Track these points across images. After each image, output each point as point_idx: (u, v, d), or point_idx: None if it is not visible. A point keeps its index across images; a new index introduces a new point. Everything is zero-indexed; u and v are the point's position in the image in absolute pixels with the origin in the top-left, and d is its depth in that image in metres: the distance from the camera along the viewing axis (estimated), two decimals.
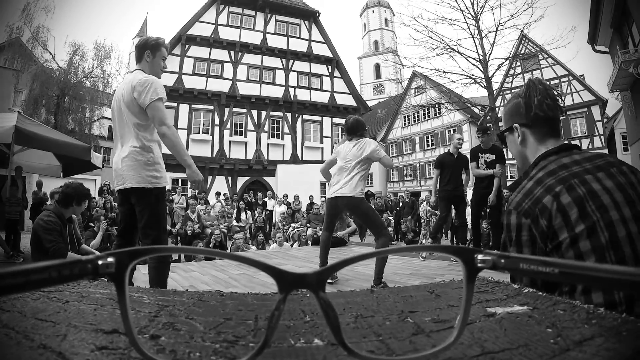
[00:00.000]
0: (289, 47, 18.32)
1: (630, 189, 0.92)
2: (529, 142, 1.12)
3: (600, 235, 0.87)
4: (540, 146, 1.09)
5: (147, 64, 2.37)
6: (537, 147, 1.10)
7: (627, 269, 0.19)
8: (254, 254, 6.78)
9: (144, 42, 2.39)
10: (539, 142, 1.09)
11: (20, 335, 0.27)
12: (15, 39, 17.36)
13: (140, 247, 0.24)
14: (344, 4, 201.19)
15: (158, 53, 2.38)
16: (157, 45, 2.38)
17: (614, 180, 0.92)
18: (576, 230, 0.88)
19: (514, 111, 1.14)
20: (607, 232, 0.86)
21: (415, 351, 0.26)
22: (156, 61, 2.39)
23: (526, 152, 1.13)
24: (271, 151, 17.15)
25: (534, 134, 1.10)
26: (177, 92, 15.81)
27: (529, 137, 1.11)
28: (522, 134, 1.12)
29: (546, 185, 0.95)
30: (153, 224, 2.25)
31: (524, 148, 1.13)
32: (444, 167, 5.00)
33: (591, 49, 13.77)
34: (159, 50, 2.38)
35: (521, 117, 1.11)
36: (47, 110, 17.45)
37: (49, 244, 3.00)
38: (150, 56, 2.37)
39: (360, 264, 3.56)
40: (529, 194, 0.98)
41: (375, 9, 48.93)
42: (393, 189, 27.44)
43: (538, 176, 1.00)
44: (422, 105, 19.55)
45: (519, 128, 1.13)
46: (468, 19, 13.17)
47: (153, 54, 2.37)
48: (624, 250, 0.85)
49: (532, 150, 1.11)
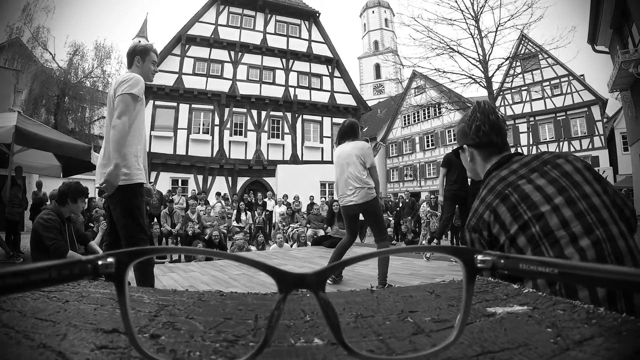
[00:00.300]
0: (289, 47, 18.32)
1: (563, 178, 1.01)
2: (477, 161, 1.25)
3: (532, 228, 0.96)
4: (486, 164, 1.21)
5: (138, 69, 2.42)
6: (484, 164, 1.22)
7: (626, 269, 0.19)
8: (254, 254, 6.79)
9: (133, 48, 2.45)
10: (485, 160, 1.21)
11: (21, 334, 0.27)
12: (15, 39, 17.37)
13: (140, 248, 0.24)
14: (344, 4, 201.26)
15: (147, 57, 2.43)
16: (145, 50, 2.44)
17: (547, 177, 1.02)
18: (511, 231, 0.99)
19: (462, 133, 1.27)
20: (538, 224, 0.96)
21: (415, 351, 0.26)
22: (146, 65, 2.43)
23: (476, 168, 1.26)
24: (271, 151, 17.15)
25: (480, 153, 1.23)
26: (177, 92, 15.81)
27: (477, 156, 1.24)
28: (471, 154, 1.25)
29: (486, 202, 1.08)
30: (122, 221, 2.21)
31: (474, 165, 1.26)
32: (451, 166, 4.95)
33: (591, 49, 13.77)
34: (147, 55, 2.43)
35: (467, 139, 1.24)
36: (47, 110, 17.47)
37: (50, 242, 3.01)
38: (140, 61, 2.41)
39: (360, 264, 3.56)
40: (475, 212, 1.10)
41: (375, 9, 48.92)
42: (393, 189, 27.44)
43: (482, 195, 1.12)
44: (422, 105, 19.56)
45: (467, 148, 1.26)
46: (468, 19, 13.16)
47: (142, 58, 2.42)
48: (557, 235, 0.94)
49: (480, 167, 1.24)
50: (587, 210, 0.96)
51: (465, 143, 1.25)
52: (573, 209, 0.95)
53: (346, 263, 0.25)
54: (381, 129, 30.20)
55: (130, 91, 2.21)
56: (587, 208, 0.96)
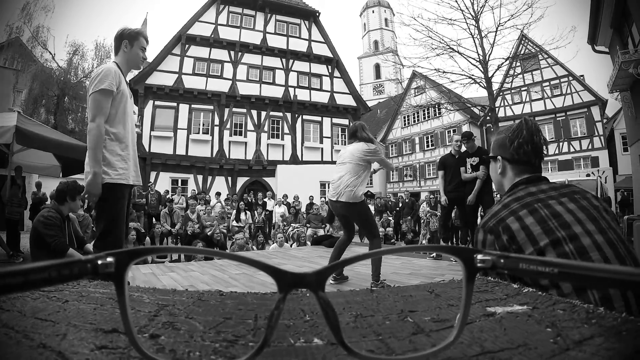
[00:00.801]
0: (289, 47, 18.31)
1: (593, 210, 1.03)
2: (507, 174, 1.23)
3: (564, 246, 0.97)
4: (516, 178, 1.20)
5: (125, 55, 2.25)
6: (513, 179, 1.21)
7: (626, 268, 0.19)
8: (254, 254, 6.78)
9: (121, 32, 2.25)
10: (516, 175, 1.20)
11: (20, 334, 0.27)
12: (15, 39, 17.37)
13: (140, 247, 0.24)
14: (344, 4, 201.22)
15: (136, 43, 2.25)
16: (134, 34, 2.26)
17: (577, 204, 1.03)
18: (541, 244, 0.98)
19: (500, 144, 1.24)
20: (571, 244, 0.96)
21: (415, 350, 0.26)
22: (134, 51, 2.26)
23: (503, 181, 1.25)
24: (271, 151, 17.14)
25: (513, 169, 1.21)
26: (177, 92, 15.80)
27: (508, 170, 1.22)
28: (503, 166, 1.23)
29: (511, 208, 1.07)
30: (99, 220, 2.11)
31: (503, 178, 1.24)
32: (446, 168, 5.18)
33: (591, 49, 13.77)
34: (137, 39, 2.25)
35: (505, 151, 1.22)
36: (47, 110, 17.47)
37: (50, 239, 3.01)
38: (127, 46, 2.24)
39: (360, 264, 3.56)
40: (495, 215, 1.10)
41: (375, 8, 48.92)
42: (393, 189, 27.44)
43: (505, 201, 1.12)
44: (422, 106, 19.55)
45: (500, 160, 1.23)
46: (468, 19, 13.16)
47: (131, 43, 2.24)
48: (591, 255, 0.94)
49: (508, 181, 1.22)
50: (617, 240, 0.98)
51: (501, 155, 1.23)
52: (605, 237, 0.98)
53: (346, 263, 0.25)
54: (381, 129, 30.21)
55: (99, 88, 2.03)
56: (616, 238, 0.99)
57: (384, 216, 11.32)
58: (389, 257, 4.63)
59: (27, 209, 7.51)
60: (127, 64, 2.28)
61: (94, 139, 2.01)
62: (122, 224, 2.10)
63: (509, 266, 0.24)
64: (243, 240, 7.76)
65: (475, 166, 5.06)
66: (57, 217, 3.11)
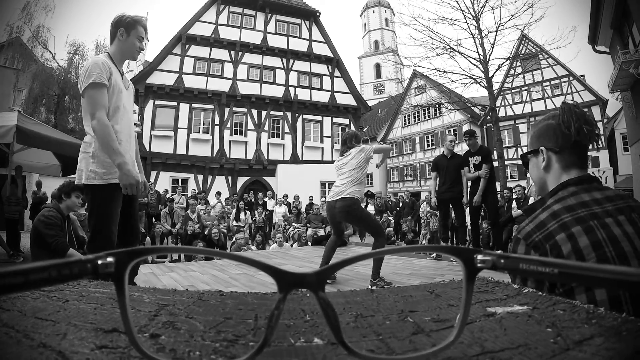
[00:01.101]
0: (289, 46, 18.32)
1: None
2: (552, 169, 1.06)
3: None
4: (563, 174, 1.03)
5: (120, 44, 2.10)
6: (560, 174, 1.04)
7: (626, 269, 0.19)
8: (254, 253, 6.78)
9: (118, 18, 2.10)
10: (564, 169, 1.03)
11: (20, 334, 0.27)
12: (15, 38, 17.38)
13: (140, 247, 0.24)
14: (344, 4, 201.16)
15: (133, 32, 2.10)
16: (132, 22, 2.10)
17: (635, 227, 0.89)
18: None
19: (544, 133, 1.07)
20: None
21: (415, 350, 0.26)
22: (130, 40, 2.10)
23: (547, 178, 1.07)
24: (271, 151, 17.15)
25: (560, 160, 1.04)
26: (178, 92, 15.81)
27: (554, 163, 1.05)
28: (548, 159, 1.06)
29: (562, 221, 0.91)
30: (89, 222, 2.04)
31: (546, 174, 1.07)
32: (439, 169, 5.20)
33: (591, 49, 13.75)
34: (134, 28, 2.10)
35: (550, 140, 1.05)
36: (47, 109, 17.47)
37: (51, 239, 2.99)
38: (124, 34, 2.09)
39: (360, 264, 3.56)
40: (541, 226, 0.93)
41: (376, 8, 48.89)
42: (393, 189, 27.44)
43: (554, 208, 0.95)
44: (423, 105, 19.53)
45: (545, 152, 1.06)
46: (468, 19, 13.15)
47: (127, 32, 2.09)
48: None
49: (554, 177, 1.05)
50: None
51: (545, 146, 1.06)
52: None
53: (346, 263, 0.25)
54: (381, 129, 30.20)
55: (88, 83, 1.91)
56: None
57: (384, 216, 11.32)
58: (389, 257, 4.63)
59: (28, 208, 7.51)
60: (122, 54, 2.14)
61: (102, 134, 1.92)
62: (111, 224, 2.00)
63: (509, 266, 0.24)
64: (243, 240, 7.76)
65: (477, 165, 5.03)
66: (58, 217, 3.11)
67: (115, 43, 2.12)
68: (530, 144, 1.12)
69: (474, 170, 5.07)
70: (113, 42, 2.13)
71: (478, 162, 5.02)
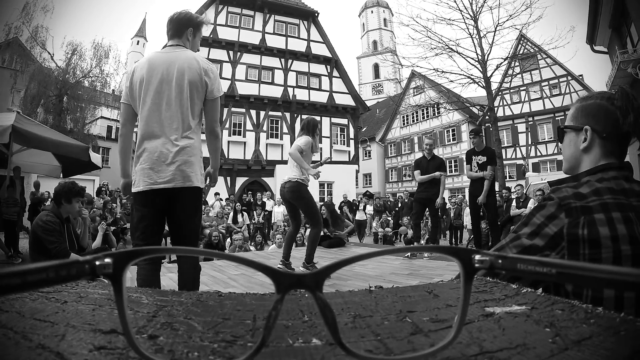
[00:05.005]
0: (288, 47, 18.32)
1: None
2: (592, 151, 0.97)
3: None
4: (602, 160, 0.96)
5: (188, 43, 2.03)
6: (598, 160, 0.96)
7: (624, 269, 0.19)
8: (253, 254, 6.78)
9: (189, 17, 2.02)
10: (603, 156, 0.96)
11: (19, 335, 0.27)
12: (13, 39, 17.34)
13: (138, 248, 0.24)
14: (342, 4, 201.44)
15: (198, 34, 2.07)
16: (201, 24, 2.07)
17: None
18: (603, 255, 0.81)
19: (594, 113, 0.97)
20: None
21: (413, 350, 0.26)
22: (196, 42, 2.07)
23: (583, 159, 0.99)
24: (270, 151, 17.14)
25: (603, 146, 0.96)
26: None
27: (596, 147, 0.96)
28: (591, 140, 0.96)
29: (604, 201, 0.85)
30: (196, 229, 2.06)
31: (584, 155, 0.99)
32: (420, 169, 5.18)
33: (590, 49, 13.79)
34: (199, 30, 2.07)
35: (599, 123, 0.96)
36: (46, 110, 17.43)
37: (51, 245, 2.91)
38: (191, 34, 2.03)
39: (358, 264, 3.56)
40: (581, 196, 0.86)
41: (374, 9, 48.93)
42: (392, 189, 27.46)
43: (597, 186, 0.88)
44: (421, 105, 19.56)
45: (589, 132, 0.96)
46: (467, 19, 13.19)
47: (194, 33, 2.04)
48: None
49: (591, 161, 0.97)
50: None
51: (593, 126, 0.96)
52: None
53: (345, 263, 0.25)
54: (380, 129, 30.22)
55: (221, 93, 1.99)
56: None
57: (383, 216, 11.32)
58: (388, 257, 4.63)
59: (26, 209, 7.50)
60: None
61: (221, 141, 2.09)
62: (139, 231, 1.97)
63: (507, 266, 0.24)
64: (241, 240, 7.75)
65: (481, 164, 5.01)
66: (56, 222, 3.00)
67: (183, 41, 2.03)
68: (573, 118, 1.02)
69: (477, 169, 5.04)
70: (180, 39, 2.02)
71: (482, 162, 5.00)
